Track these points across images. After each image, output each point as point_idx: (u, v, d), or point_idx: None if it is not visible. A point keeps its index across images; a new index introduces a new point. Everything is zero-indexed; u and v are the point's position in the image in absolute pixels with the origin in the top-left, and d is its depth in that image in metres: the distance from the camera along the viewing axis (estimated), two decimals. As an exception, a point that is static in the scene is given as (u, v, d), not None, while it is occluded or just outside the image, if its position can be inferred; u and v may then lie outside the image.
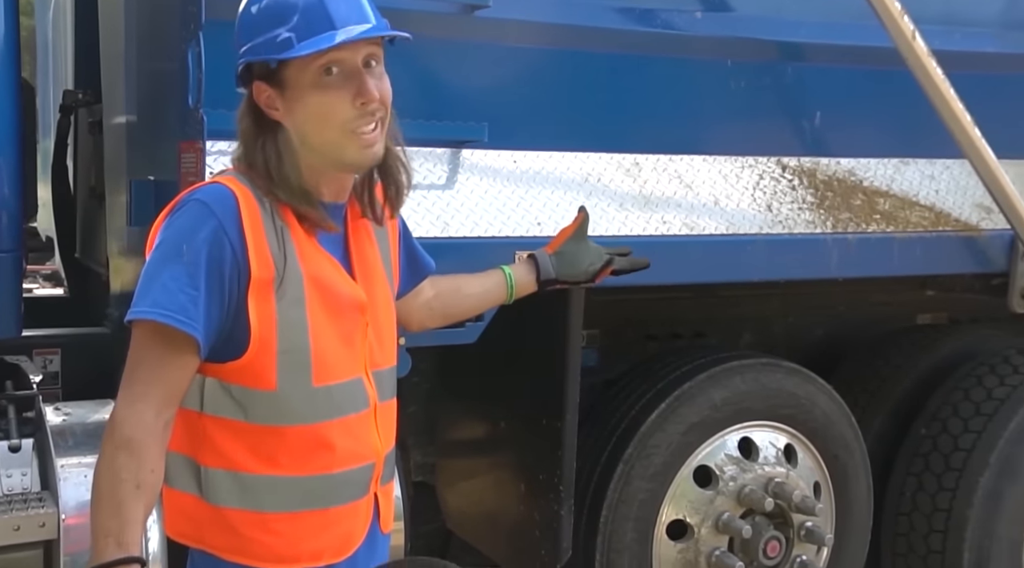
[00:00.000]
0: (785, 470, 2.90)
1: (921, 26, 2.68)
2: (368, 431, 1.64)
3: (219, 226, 1.50)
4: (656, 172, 2.61)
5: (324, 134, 1.54)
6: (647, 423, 2.74)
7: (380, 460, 1.68)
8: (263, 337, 1.52)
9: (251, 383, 1.54)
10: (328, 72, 1.52)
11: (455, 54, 2.41)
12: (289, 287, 1.54)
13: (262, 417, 1.56)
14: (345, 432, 1.60)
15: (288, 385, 1.54)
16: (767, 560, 2.91)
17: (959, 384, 3.22)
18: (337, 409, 1.59)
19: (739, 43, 2.67)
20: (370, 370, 1.65)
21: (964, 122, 2.80)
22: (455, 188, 2.43)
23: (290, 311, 1.53)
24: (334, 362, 1.58)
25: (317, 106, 1.53)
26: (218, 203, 1.52)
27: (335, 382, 1.59)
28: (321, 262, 1.59)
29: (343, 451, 1.60)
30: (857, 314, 3.44)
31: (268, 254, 1.52)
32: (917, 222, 2.91)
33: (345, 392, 1.60)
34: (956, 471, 3.13)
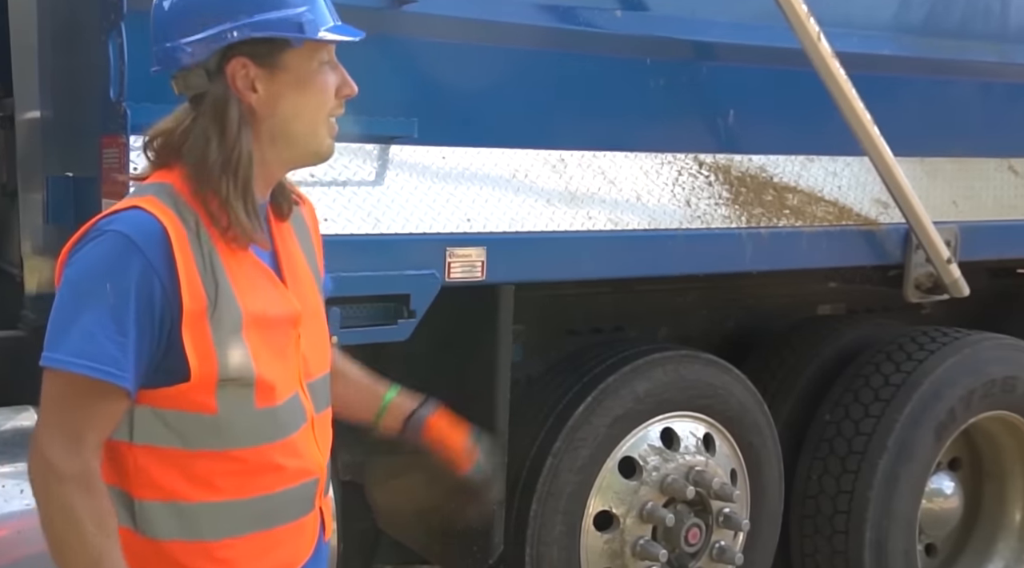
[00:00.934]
0: (704, 459, 2.97)
1: (825, 28, 2.78)
2: (309, 446, 1.57)
3: (147, 264, 1.38)
4: (581, 168, 2.63)
5: (312, 121, 1.50)
6: (574, 417, 2.76)
7: (322, 473, 1.61)
8: (202, 369, 1.43)
9: (189, 408, 1.45)
10: (322, 63, 1.50)
11: (384, 49, 2.37)
12: (224, 314, 1.44)
13: (201, 442, 1.46)
14: (288, 451, 1.52)
15: (229, 410, 1.46)
16: (688, 547, 2.97)
17: (859, 371, 3.35)
18: (281, 430, 1.52)
19: (657, 42, 2.71)
20: (304, 382, 1.57)
21: (864, 121, 2.92)
22: (385, 184, 2.40)
23: (228, 339, 1.44)
24: (276, 382, 1.50)
25: (320, 91, 1.49)
26: (144, 236, 1.39)
27: (277, 403, 1.50)
28: (253, 277, 1.50)
29: (287, 471, 1.53)
30: (765, 306, 3.55)
31: (199, 283, 1.42)
32: (823, 217, 3.01)
33: (287, 411, 1.52)
34: (858, 454, 3.26)
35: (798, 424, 3.34)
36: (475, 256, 2.46)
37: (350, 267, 2.31)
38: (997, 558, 3.66)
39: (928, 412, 3.26)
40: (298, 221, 1.64)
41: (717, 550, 3.00)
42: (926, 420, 3.26)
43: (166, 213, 1.41)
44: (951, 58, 3.21)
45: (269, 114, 1.48)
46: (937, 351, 3.35)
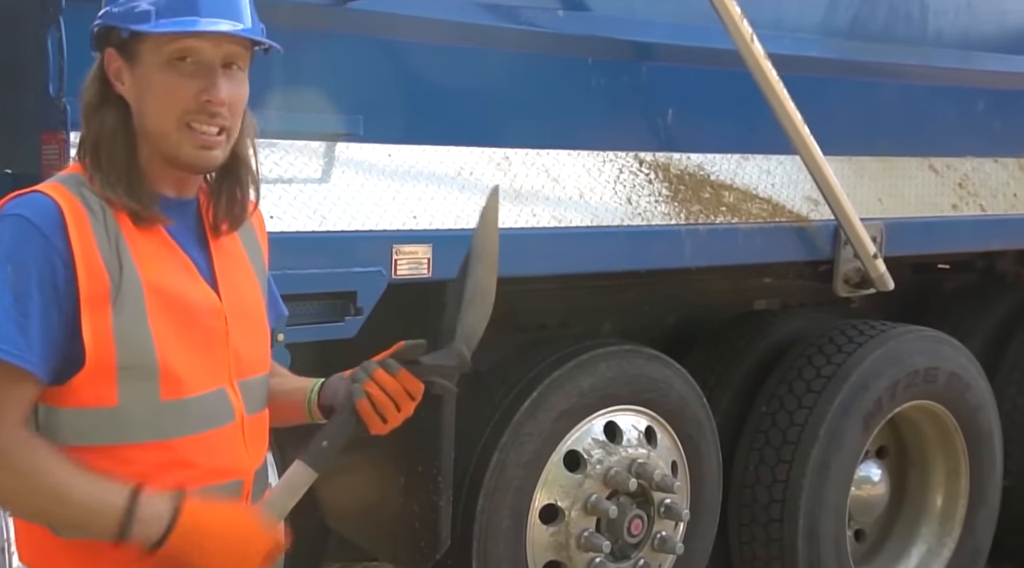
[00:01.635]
0: (646, 451, 3.00)
1: (758, 30, 2.84)
2: (234, 446, 1.49)
3: (46, 244, 1.35)
4: (525, 166, 2.64)
5: (160, 121, 1.42)
6: (520, 412, 2.76)
7: (249, 477, 1.53)
8: (99, 355, 1.38)
9: (88, 403, 1.39)
10: (183, 59, 1.41)
11: (330, 47, 2.35)
12: (127, 298, 1.39)
13: (102, 437, 1.40)
14: (204, 448, 1.45)
15: (131, 401, 1.40)
16: (631, 538, 3.00)
17: (792, 364, 3.42)
18: (194, 424, 1.44)
19: (598, 42, 2.74)
20: (235, 380, 1.50)
21: (795, 121, 2.98)
22: (331, 182, 2.37)
23: (130, 324, 1.39)
24: (187, 374, 1.43)
25: (160, 89, 1.41)
26: (40, 216, 1.36)
27: (189, 395, 1.44)
28: (167, 266, 1.45)
29: (202, 468, 1.45)
30: (704, 301, 3.60)
31: (100, 265, 1.38)
32: (757, 214, 3.07)
33: (203, 405, 1.45)
34: (792, 444, 3.32)
35: (736, 416, 3.39)
36: (421, 253, 2.45)
37: (296, 264, 2.28)
38: (920, 541, 3.76)
39: (856, 402, 3.34)
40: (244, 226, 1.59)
41: (659, 540, 3.03)
42: (855, 410, 3.34)
43: (65, 196, 1.39)
44: (876, 61, 3.31)
45: (134, 106, 1.44)
46: (865, 344, 3.43)
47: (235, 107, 1.44)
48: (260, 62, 2.31)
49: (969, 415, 3.63)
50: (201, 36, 1.39)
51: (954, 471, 3.71)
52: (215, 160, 1.45)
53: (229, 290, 1.51)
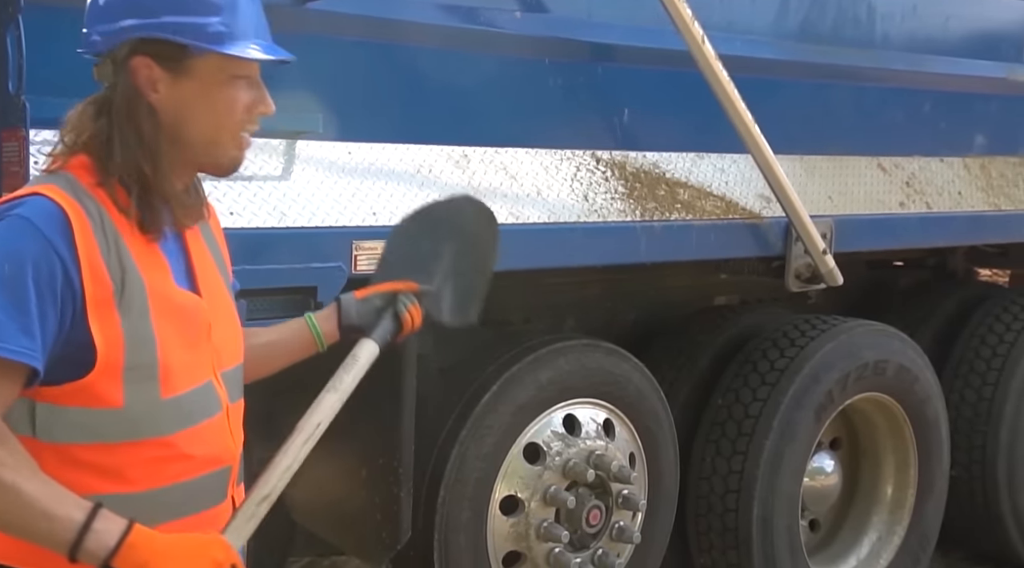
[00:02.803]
0: (604, 443, 3.03)
1: (709, 32, 2.88)
2: (222, 434, 1.57)
3: (47, 245, 1.37)
4: (484, 164, 2.66)
5: (213, 132, 1.49)
6: (480, 405, 2.78)
7: (236, 462, 1.62)
8: (110, 356, 1.41)
9: (94, 403, 1.42)
10: (237, 77, 1.50)
11: (288, 46, 2.34)
12: (133, 300, 1.43)
13: (108, 435, 1.44)
14: (199, 439, 1.52)
15: (135, 400, 1.44)
16: (589, 528, 3.02)
17: (748, 357, 3.46)
18: (188, 418, 1.50)
19: (555, 43, 2.76)
20: (218, 371, 1.57)
21: (746, 120, 3.02)
22: (292, 179, 2.38)
23: (137, 325, 1.43)
24: (181, 371, 1.49)
25: (224, 104, 1.48)
26: (44, 220, 1.38)
27: (184, 391, 1.50)
28: (158, 267, 1.49)
29: (198, 459, 1.52)
30: (665, 298, 3.64)
31: (103, 269, 1.41)
32: (711, 211, 3.11)
33: (195, 399, 1.52)
34: (747, 436, 3.37)
35: (695, 409, 3.43)
36: (381, 249, 2.46)
37: (257, 260, 2.28)
38: (871, 530, 3.83)
39: (809, 394, 3.39)
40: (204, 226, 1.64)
41: (617, 530, 3.06)
42: (807, 402, 3.39)
43: (67, 200, 1.40)
44: (826, 63, 3.36)
45: (170, 116, 1.48)
46: (817, 338, 3.49)
47: None
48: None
49: (917, 406, 3.70)
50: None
51: (903, 461, 3.77)
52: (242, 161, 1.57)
53: (206, 286, 1.57)
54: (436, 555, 2.76)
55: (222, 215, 2.24)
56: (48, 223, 1.38)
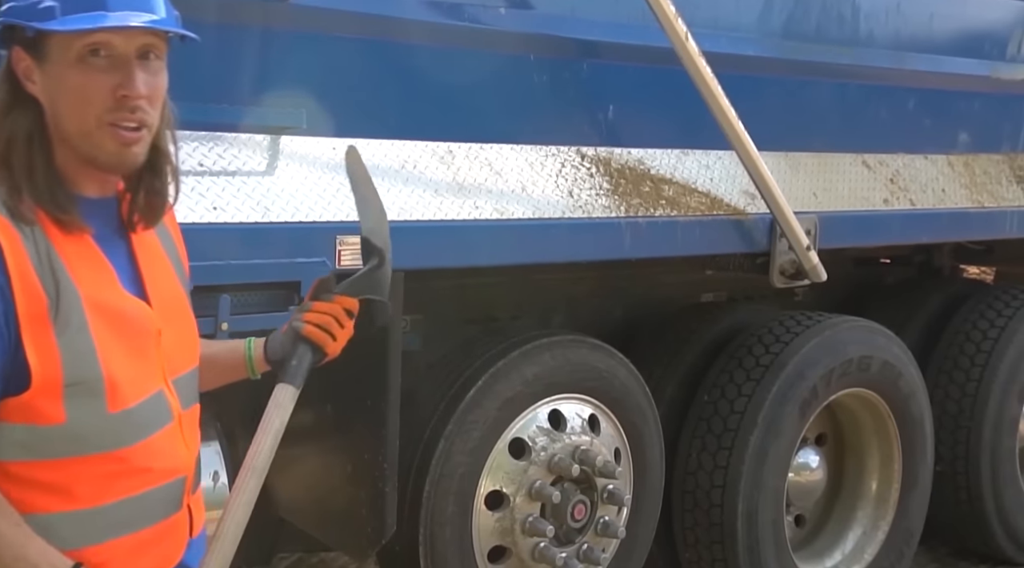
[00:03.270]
0: (590, 438, 3.03)
1: (693, 29, 2.88)
2: (175, 444, 1.49)
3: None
4: (468, 160, 2.66)
5: (78, 122, 1.35)
6: (465, 400, 2.78)
7: (191, 471, 1.54)
8: (46, 374, 1.33)
9: (36, 420, 1.35)
10: (95, 54, 1.33)
11: (272, 42, 2.35)
12: (69, 314, 1.34)
13: (53, 452, 1.37)
14: (151, 452, 1.44)
15: (79, 416, 1.36)
16: (574, 522, 3.03)
17: (734, 353, 3.47)
18: (139, 431, 1.43)
19: (540, 39, 2.77)
20: (169, 379, 1.49)
21: (730, 117, 3.03)
22: (275, 174, 2.38)
23: (74, 341, 1.35)
24: (129, 383, 1.40)
25: (75, 88, 1.33)
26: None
27: (133, 404, 1.41)
28: (98, 275, 1.40)
29: (151, 472, 1.45)
30: (652, 295, 3.65)
31: (36, 283, 1.32)
32: (696, 207, 3.12)
33: (146, 411, 1.44)
34: (732, 432, 3.37)
35: (680, 405, 3.44)
36: (366, 245, 2.46)
37: (241, 255, 2.29)
38: (856, 525, 3.84)
39: (793, 390, 3.40)
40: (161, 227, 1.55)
41: (602, 525, 3.07)
42: (791, 398, 3.40)
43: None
44: (810, 60, 3.37)
45: (47, 106, 1.36)
46: (801, 334, 3.50)
47: (154, 99, 1.38)
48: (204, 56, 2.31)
49: (901, 402, 3.71)
50: (112, 29, 1.32)
51: (888, 456, 3.79)
52: (137, 158, 1.39)
53: (155, 290, 1.48)
54: (421, 549, 2.77)
55: (206, 210, 2.26)
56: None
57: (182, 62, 2.23)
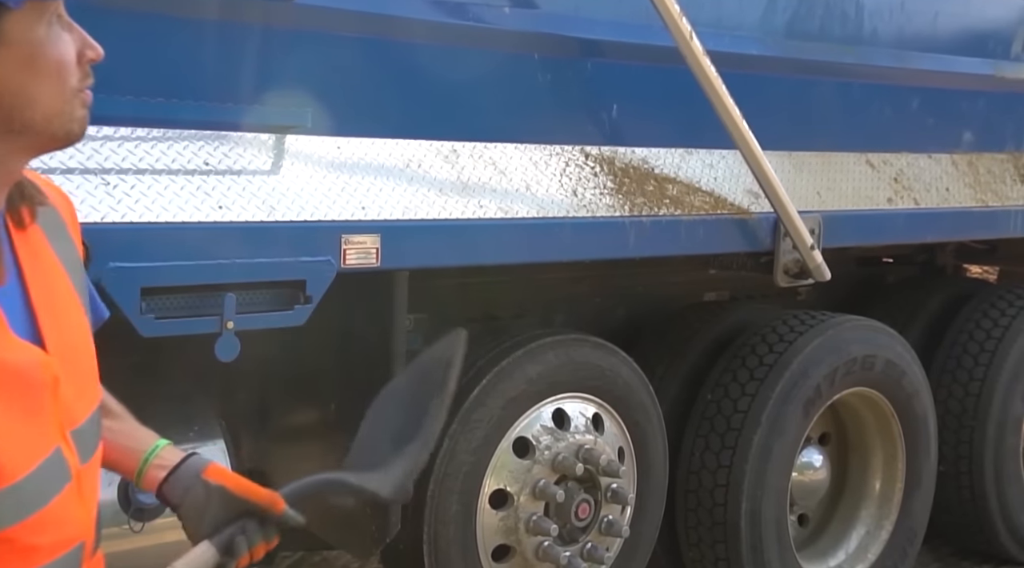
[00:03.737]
0: (593, 437, 3.04)
1: (697, 28, 2.88)
2: (72, 508, 1.23)
3: None
4: (472, 159, 2.67)
5: (56, 100, 1.15)
6: (470, 399, 2.79)
7: (90, 534, 1.30)
8: None
9: None
10: (59, 20, 1.15)
11: (277, 41, 2.36)
12: None
13: None
14: (43, 525, 1.19)
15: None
16: (578, 521, 3.04)
17: (737, 353, 3.48)
18: (30, 505, 1.17)
19: (544, 38, 2.77)
20: (68, 431, 1.22)
21: (734, 116, 3.03)
22: (280, 173, 2.38)
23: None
24: (19, 452, 1.14)
25: (53, 63, 1.14)
26: None
27: (23, 476, 1.15)
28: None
29: (43, 548, 1.21)
30: (655, 293, 3.65)
31: None
32: (700, 206, 3.13)
33: (38, 480, 1.17)
34: (735, 431, 3.38)
35: (684, 404, 3.45)
36: (369, 243, 2.47)
37: (246, 254, 2.29)
38: (860, 524, 3.84)
39: (797, 389, 3.41)
40: (51, 223, 1.27)
41: (605, 524, 3.07)
42: (795, 397, 3.41)
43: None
44: (814, 59, 3.38)
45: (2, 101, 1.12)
46: (805, 333, 3.50)
47: None
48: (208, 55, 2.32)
49: (905, 401, 3.72)
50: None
51: (891, 456, 3.79)
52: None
53: (52, 326, 1.21)
54: (425, 548, 2.77)
55: (212, 209, 2.26)
56: None
57: (187, 61, 2.27)
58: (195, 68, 2.26)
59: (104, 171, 2.14)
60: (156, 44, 2.19)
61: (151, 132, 2.22)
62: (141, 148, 2.20)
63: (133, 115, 2.18)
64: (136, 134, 2.20)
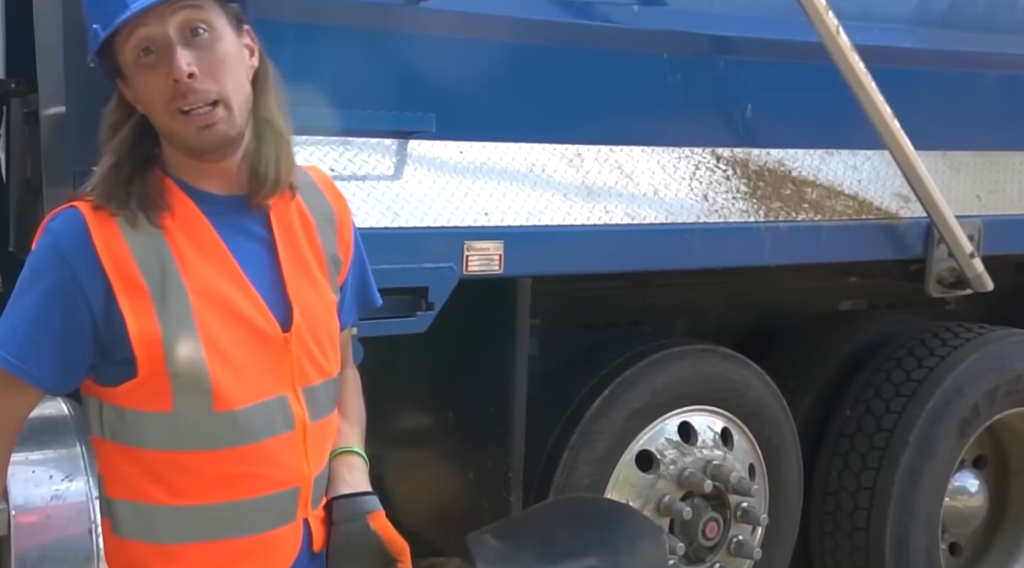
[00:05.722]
0: (722, 453, 3.07)
1: (843, 22, 2.87)
2: (293, 454, 1.50)
3: (65, 255, 1.42)
4: (598, 162, 2.74)
5: (159, 120, 1.46)
6: (591, 410, 2.86)
7: (308, 484, 1.54)
8: (150, 364, 1.42)
9: (146, 406, 1.45)
10: (146, 53, 1.43)
11: (402, 45, 2.49)
12: (172, 308, 1.43)
13: (160, 442, 1.46)
14: (259, 458, 1.47)
15: (186, 409, 1.44)
16: (706, 541, 3.07)
17: (881, 366, 3.43)
18: (247, 435, 1.46)
19: (674, 37, 2.82)
20: (299, 386, 1.51)
21: (885, 114, 3.00)
22: (403, 178, 2.51)
23: (177, 335, 1.42)
24: (241, 385, 1.45)
25: (143, 89, 1.45)
26: (64, 228, 1.44)
27: (244, 406, 1.45)
28: (219, 270, 1.47)
29: (257, 478, 1.48)
30: (784, 301, 3.64)
31: (137, 273, 1.42)
32: (842, 211, 3.10)
33: (258, 415, 1.47)
34: (879, 450, 3.34)
35: (818, 420, 3.42)
36: (492, 249, 2.57)
37: (369, 260, 2.42)
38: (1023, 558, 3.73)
39: (950, 408, 3.33)
40: (322, 216, 1.61)
41: (735, 544, 3.10)
42: (948, 416, 3.33)
43: (89, 208, 1.44)
44: (973, 50, 3.29)
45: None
46: (960, 347, 3.42)
47: (213, 71, 1.43)
48: (333, 61, 2.45)
49: (1076, 424, 3.58)
50: (145, 21, 1.40)
51: (1060, 484, 3.66)
52: (223, 135, 1.45)
53: (300, 291, 1.52)
54: (544, 561, 2.86)
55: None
56: (68, 232, 1.43)
57: (312, 68, 2.41)
58: (320, 74, 2.40)
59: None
60: (280, 51, 2.33)
61: (279, 139, 2.37)
62: (269, 155, 2.36)
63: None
64: (264, 141, 2.35)
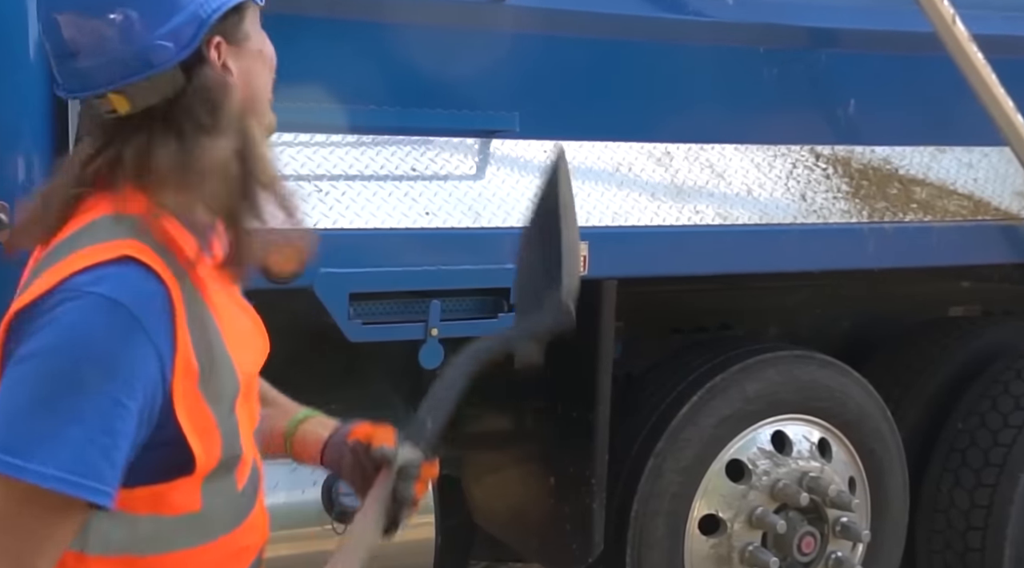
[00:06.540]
0: (819, 464, 3.00)
1: (959, 11, 2.77)
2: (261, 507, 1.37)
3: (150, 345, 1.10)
4: (688, 161, 2.71)
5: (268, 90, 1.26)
6: (679, 416, 2.84)
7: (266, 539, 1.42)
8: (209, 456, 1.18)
9: (170, 510, 1.20)
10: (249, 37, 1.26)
11: (486, 43, 2.51)
12: (222, 385, 1.19)
13: (178, 543, 1.22)
14: (251, 526, 1.32)
15: (214, 500, 1.23)
16: (802, 556, 3.01)
17: (997, 378, 3.31)
18: (248, 505, 1.31)
19: (771, 30, 2.77)
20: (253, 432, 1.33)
21: (1006, 108, 2.89)
22: (486, 178, 2.54)
23: (227, 414, 1.20)
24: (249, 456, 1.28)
25: (270, 55, 1.26)
26: (142, 303, 1.10)
27: (248, 475, 1.29)
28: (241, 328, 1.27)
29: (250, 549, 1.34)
30: (885, 306, 3.53)
31: (192, 354, 1.14)
32: (955, 211, 3.00)
33: (252, 479, 1.31)
34: (996, 467, 3.22)
35: (925, 432, 3.32)
36: (578, 249, 2.57)
37: (450, 260, 2.46)
38: None
39: (1081, 424, 3.20)
40: None
41: (834, 561, 3.03)
42: (1073, 432, 3.20)
43: (163, 267, 1.13)
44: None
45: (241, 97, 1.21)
46: (1087, 358, 3.28)
47: None
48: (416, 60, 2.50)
49: None
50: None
51: None
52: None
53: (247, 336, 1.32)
54: (629, 570, 2.86)
55: (419, 215, 2.45)
56: (147, 309, 1.10)
57: (396, 67, 2.46)
58: (402, 73, 2.45)
59: (316, 177, 2.38)
60: (364, 51, 2.40)
61: (360, 138, 2.44)
62: (351, 154, 2.43)
63: (344, 122, 2.40)
64: (346, 141, 2.42)
